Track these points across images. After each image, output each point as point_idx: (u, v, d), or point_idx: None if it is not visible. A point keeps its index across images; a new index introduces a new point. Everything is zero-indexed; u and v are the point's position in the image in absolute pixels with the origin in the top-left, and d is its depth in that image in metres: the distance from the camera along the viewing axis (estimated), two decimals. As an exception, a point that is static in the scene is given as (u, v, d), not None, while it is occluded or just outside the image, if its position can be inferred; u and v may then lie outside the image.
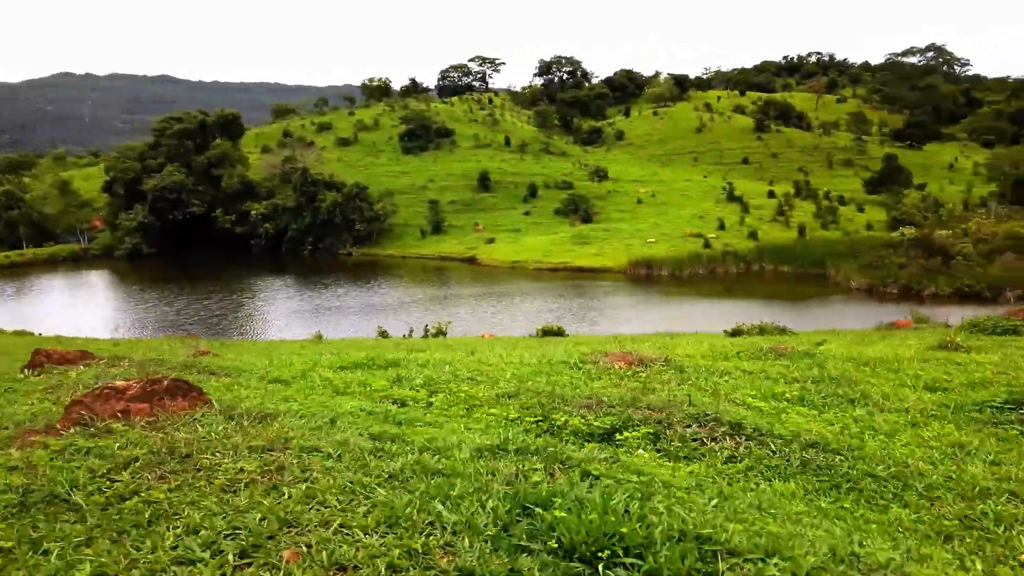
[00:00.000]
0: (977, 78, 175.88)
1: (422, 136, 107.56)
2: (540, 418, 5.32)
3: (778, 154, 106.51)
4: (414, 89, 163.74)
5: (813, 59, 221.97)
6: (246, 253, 78.70)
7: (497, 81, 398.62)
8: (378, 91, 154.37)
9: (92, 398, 3.50)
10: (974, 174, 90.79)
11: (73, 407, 3.57)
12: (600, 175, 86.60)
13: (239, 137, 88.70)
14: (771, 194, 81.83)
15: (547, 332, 16.58)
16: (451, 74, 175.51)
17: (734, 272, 55.50)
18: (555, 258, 64.16)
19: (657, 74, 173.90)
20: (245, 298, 54.40)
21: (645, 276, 55.76)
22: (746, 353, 7.77)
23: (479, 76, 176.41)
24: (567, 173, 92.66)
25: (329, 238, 78.12)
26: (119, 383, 3.66)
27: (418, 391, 6.34)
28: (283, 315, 45.58)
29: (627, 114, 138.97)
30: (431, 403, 5.97)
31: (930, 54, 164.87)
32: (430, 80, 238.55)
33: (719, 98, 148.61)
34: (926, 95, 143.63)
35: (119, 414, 3.39)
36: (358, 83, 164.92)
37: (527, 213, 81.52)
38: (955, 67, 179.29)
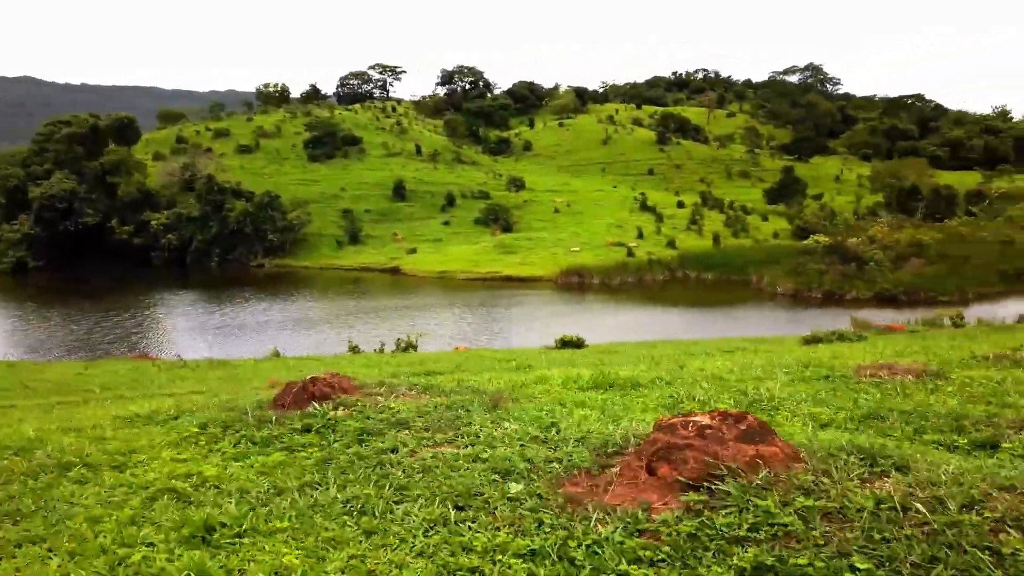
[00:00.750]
0: (847, 96, 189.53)
1: (328, 144, 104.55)
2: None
3: (680, 165, 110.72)
4: (315, 95, 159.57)
5: (700, 75, 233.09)
6: (145, 266, 73.68)
7: (398, 90, 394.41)
8: (276, 97, 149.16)
9: (680, 437, 2.78)
10: (859, 185, 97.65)
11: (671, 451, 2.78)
12: (517, 185, 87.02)
13: (134, 143, 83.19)
14: (680, 204, 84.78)
15: (567, 343, 15.97)
16: (351, 81, 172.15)
17: (660, 280, 56.99)
18: (483, 267, 63.78)
19: (557, 86, 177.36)
20: (159, 314, 50.85)
21: (577, 284, 56.32)
22: (968, 361, 7.68)
23: (380, 84, 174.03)
24: (482, 183, 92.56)
25: (239, 249, 74.44)
26: (697, 417, 2.97)
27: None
28: (210, 332, 42.84)
29: (532, 125, 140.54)
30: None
31: (808, 73, 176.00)
32: (328, 87, 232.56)
33: (617, 111, 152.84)
34: (807, 111, 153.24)
35: (749, 462, 2.73)
36: (244, 88, 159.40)
37: (446, 223, 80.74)
38: (827, 85, 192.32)
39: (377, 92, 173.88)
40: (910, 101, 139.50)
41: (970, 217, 76.23)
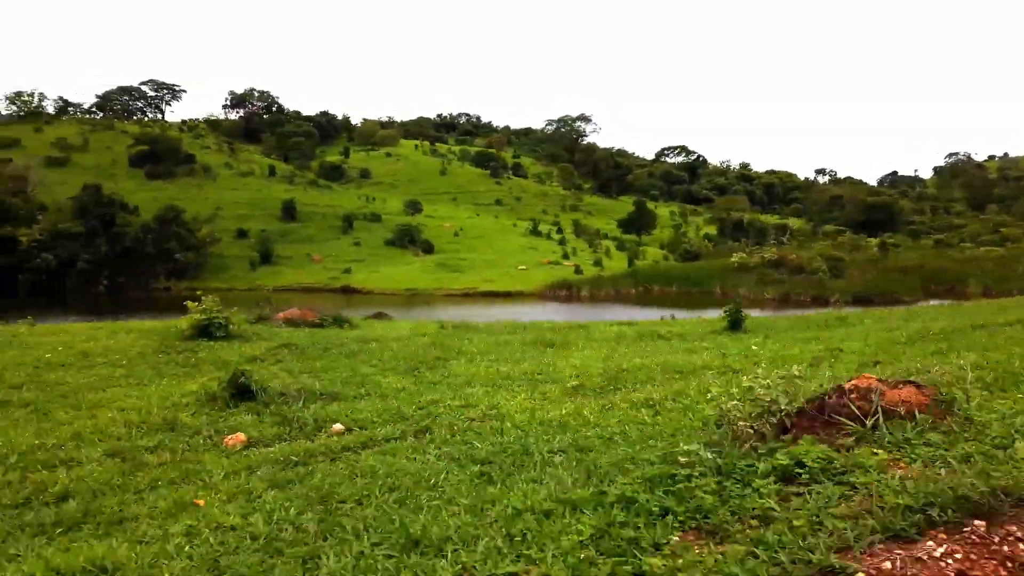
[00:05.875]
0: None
1: (167, 160, 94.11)
2: None
3: (520, 198, 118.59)
4: (66, 108, 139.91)
5: (463, 119, 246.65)
6: (10, 289, 60.61)
7: (177, 110, 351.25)
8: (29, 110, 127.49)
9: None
10: (678, 218, 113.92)
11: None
12: (415, 208, 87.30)
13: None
14: (559, 230, 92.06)
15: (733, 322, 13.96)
16: (119, 97, 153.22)
17: (635, 292, 62.93)
18: (444, 285, 64.09)
19: (347, 117, 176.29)
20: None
21: (565, 297, 59.94)
22: None
23: (154, 101, 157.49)
24: (362, 206, 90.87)
25: (137, 270, 64.84)
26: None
27: None
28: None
29: (346, 154, 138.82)
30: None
31: (579, 123, 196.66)
32: (82, 99, 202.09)
33: (416, 146, 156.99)
34: (586, 156, 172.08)
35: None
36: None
37: (356, 244, 78.35)
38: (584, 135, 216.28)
39: (148, 111, 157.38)
40: (676, 151, 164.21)
41: (782, 246, 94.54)
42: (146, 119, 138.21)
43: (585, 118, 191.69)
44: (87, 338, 12.94)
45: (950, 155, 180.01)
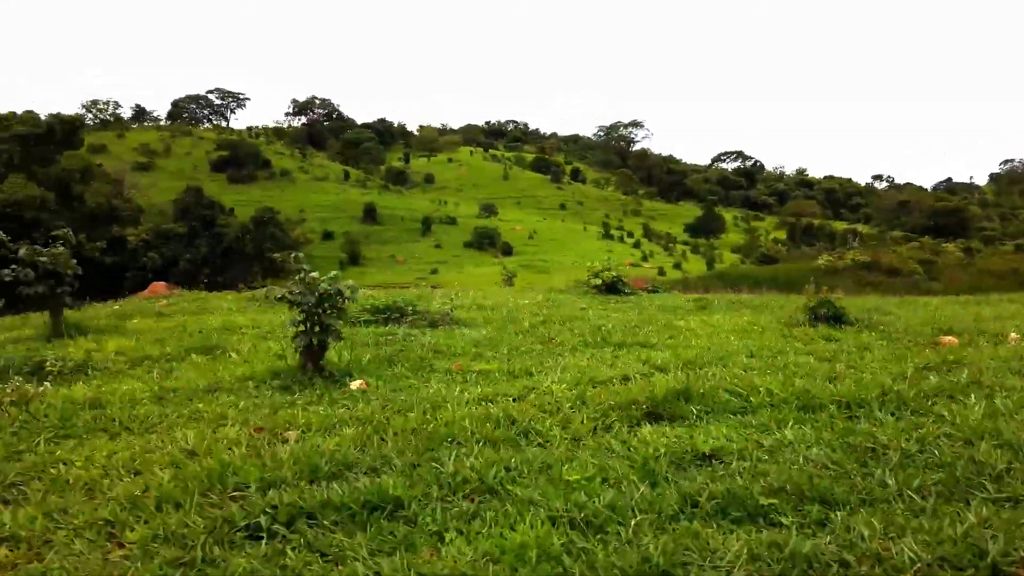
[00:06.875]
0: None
1: (248, 165, 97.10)
2: None
3: (583, 202, 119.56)
4: (142, 115, 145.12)
5: (510, 126, 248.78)
6: (117, 287, 63.29)
7: (241, 117, 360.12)
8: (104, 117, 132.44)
9: None
10: (739, 223, 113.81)
11: None
12: (491, 211, 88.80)
13: (78, 149, 71.00)
14: (631, 234, 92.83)
15: None
16: (187, 105, 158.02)
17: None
18: (536, 284, 65.09)
19: (403, 124, 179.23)
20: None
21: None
22: None
23: (219, 109, 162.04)
24: (436, 209, 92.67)
25: (233, 270, 67.06)
26: None
27: None
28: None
29: (406, 159, 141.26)
30: None
31: (630, 129, 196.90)
32: (159, 108, 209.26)
33: (471, 152, 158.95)
34: (639, 161, 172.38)
35: None
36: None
37: (437, 246, 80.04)
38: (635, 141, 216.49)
39: (213, 118, 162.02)
40: (733, 156, 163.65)
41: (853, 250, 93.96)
42: (217, 126, 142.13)
43: (637, 124, 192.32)
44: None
45: (1005, 161, 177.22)
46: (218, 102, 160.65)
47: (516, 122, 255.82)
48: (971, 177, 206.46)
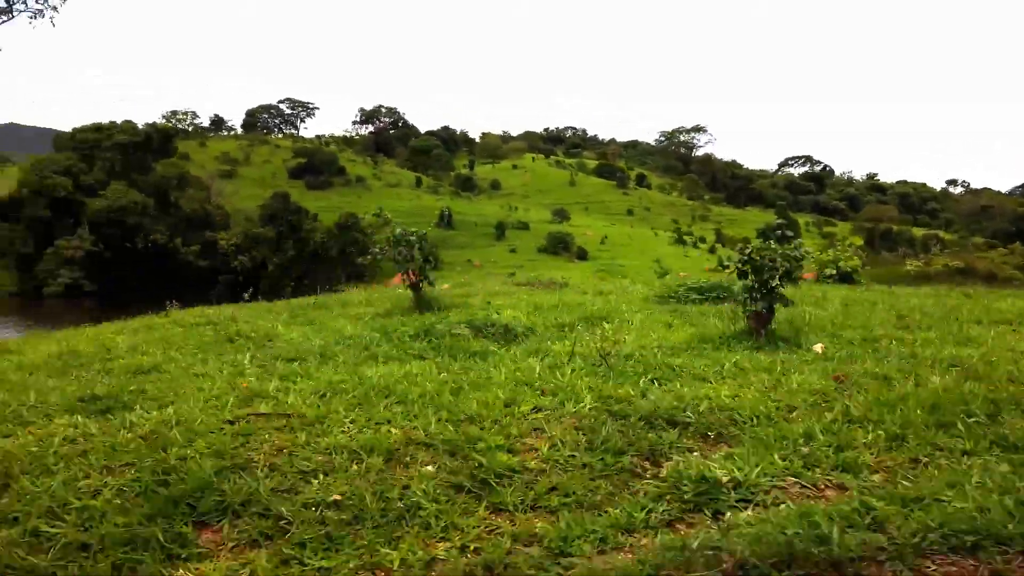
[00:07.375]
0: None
1: (324, 172, 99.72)
2: None
3: (650, 208, 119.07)
4: (220, 125, 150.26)
5: (568, 133, 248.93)
6: (207, 290, 65.77)
7: (310, 126, 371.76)
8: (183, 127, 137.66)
9: None
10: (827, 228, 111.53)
11: None
12: (563, 216, 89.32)
13: (171, 157, 74.29)
14: (703, 239, 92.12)
15: None
16: (260, 115, 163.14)
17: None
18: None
19: (464, 132, 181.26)
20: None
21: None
22: None
23: (290, 118, 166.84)
24: (507, 215, 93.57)
25: (318, 273, 69.06)
26: None
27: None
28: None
29: (471, 166, 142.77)
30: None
31: (692, 135, 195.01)
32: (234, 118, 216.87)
33: (533, 159, 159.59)
34: (703, 167, 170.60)
35: None
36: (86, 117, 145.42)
37: (513, 250, 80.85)
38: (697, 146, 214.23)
39: (284, 127, 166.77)
40: (801, 160, 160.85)
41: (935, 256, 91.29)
42: (290, 135, 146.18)
43: (699, 128, 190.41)
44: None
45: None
46: (288, 112, 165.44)
47: (575, 128, 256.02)
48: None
